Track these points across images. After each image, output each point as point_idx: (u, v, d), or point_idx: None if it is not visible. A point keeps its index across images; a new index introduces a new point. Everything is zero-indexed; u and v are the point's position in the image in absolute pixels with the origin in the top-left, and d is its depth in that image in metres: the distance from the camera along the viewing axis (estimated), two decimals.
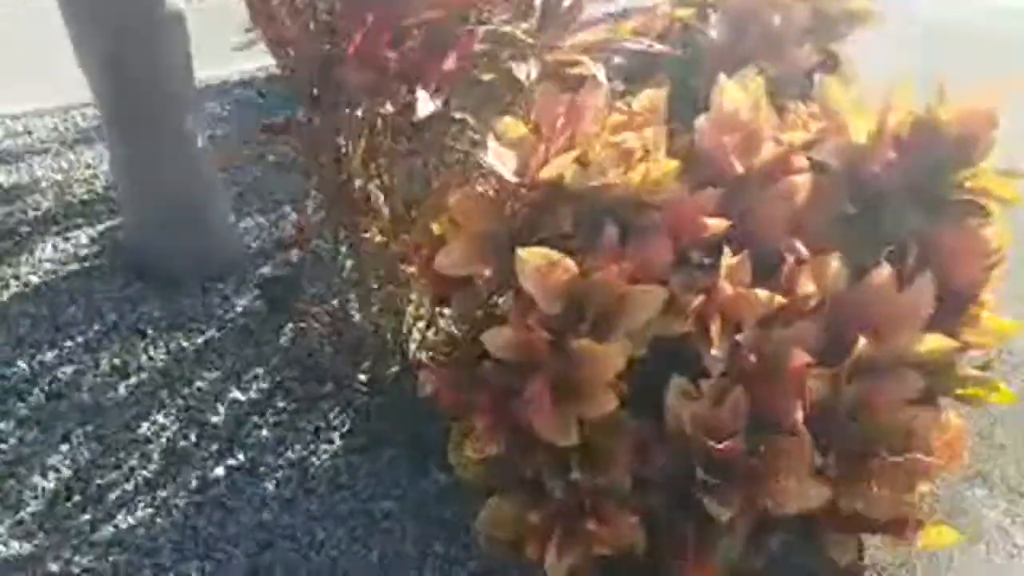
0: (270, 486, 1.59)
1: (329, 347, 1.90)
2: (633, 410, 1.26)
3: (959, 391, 1.36)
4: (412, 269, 1.59)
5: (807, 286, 1.25)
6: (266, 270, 2.13)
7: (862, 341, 1.18)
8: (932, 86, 1.43)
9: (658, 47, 1.61)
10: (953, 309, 1.36)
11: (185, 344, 1.90)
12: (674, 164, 1.36)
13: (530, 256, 1.18)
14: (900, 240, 1.40)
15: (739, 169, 1.34)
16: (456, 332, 1.48)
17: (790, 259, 1.28)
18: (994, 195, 1.41)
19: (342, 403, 1.79)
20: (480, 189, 1.33)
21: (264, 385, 1.82)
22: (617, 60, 1.78)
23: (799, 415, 1.15)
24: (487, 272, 1.31)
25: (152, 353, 1.87)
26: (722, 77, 1.39)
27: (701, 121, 1.38)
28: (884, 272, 1.25)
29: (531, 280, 1.18)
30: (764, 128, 1.39)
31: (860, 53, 2.00)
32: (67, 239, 2.26)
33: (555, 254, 1.19)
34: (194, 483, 1.58)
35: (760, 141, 1.38)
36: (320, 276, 2.04)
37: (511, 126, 1.37)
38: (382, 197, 1.61)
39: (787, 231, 1.34)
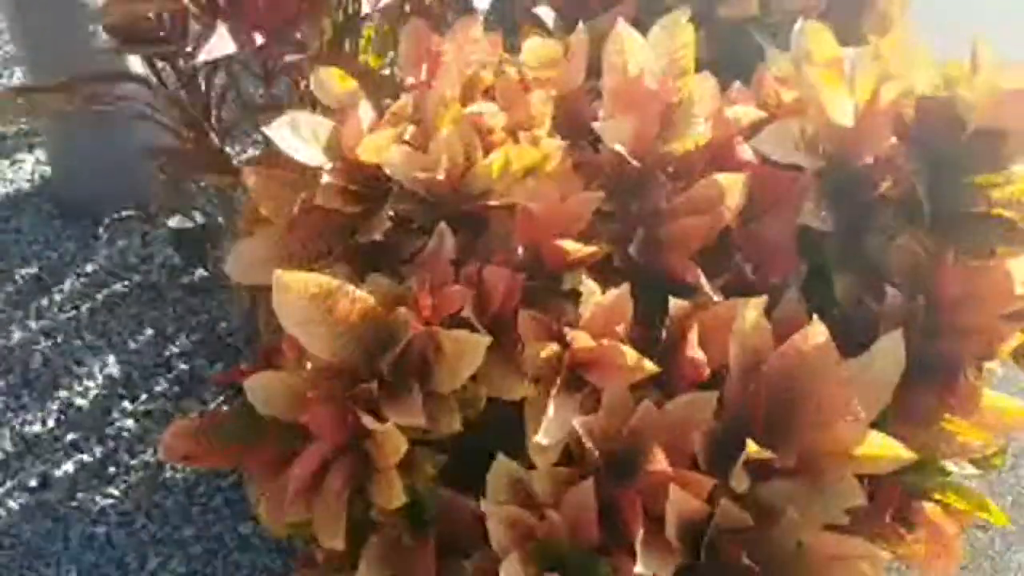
0: (115, 493, 1.39)
1: (237, 312, 1.67)
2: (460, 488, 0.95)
3: (937, 496, 0.97)
4: None
5: (695, 348, 0.87)
6: (176, 220, 1.88)
7: (750, 445, 0.80)
8: (958, 47, 0.97)
9: None
10: (941, 383, 0.95)
11: (79, 300, 1.70)
12: (553, 147, 0.98)
13: (291, 282, 0.86)
14: (885, 273, 0.99)
15: (633, 163, 0.95)
16: None
17: (677, 305, 0.89)
18: None
19: (232, 389, 1.56)
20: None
21: (148, 360, 1.60)
22: None
23: (638, 538, 0.80)
24: None
25: (41, 305, 1.68)
26: (621, 24, 0.97)
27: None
28: (817, 331, 0.85)
29: (292, 316, 0.86)
30: (688, 102, 0.98)
31: None
32: (14, 165, 2.10)
33: (326, 280, 0.86)
34: (33, 481, 1.40)
35: (678, 121, 0.97)
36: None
37: (337, 78, 1.01)
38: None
39: (693, 256, 0.95)
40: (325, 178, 0.95)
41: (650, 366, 0.86)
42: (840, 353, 0.87)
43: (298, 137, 0.96)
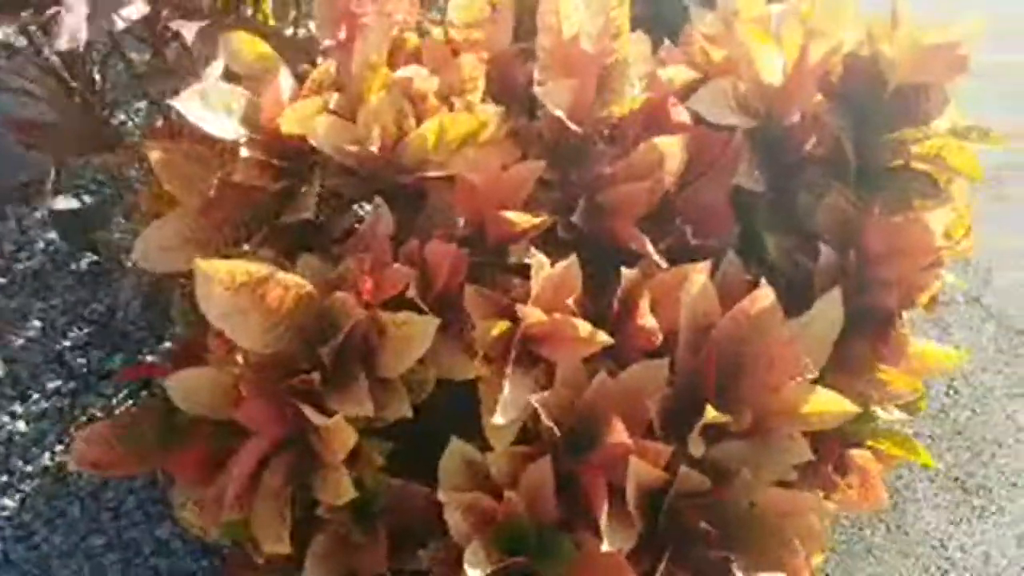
0: (9, 504, 1.27)
1: (135, 301, 1.54)
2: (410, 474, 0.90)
3: (870, 443, 1.00)
4: None
5: (646, 316, 0.86)
6: (62, 201, 1.72)
7: (709, 410, 0.80)
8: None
9: None
10: (873, 333, 0.98)
11: None
12: (490, 114, 0.93)
13: (215, 271, 0.78)
14: (815, 231, 1.00)
15: (573, 128, 0.92)
16: None
17: (628, 274, 0.88)
18: (948, 165, 0.99)
19: (136, 383, 1.44)
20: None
21: (37, 356, 1.46)
22: None
23: (603, 513, 0.79)
24: None
25: None
26: None
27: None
28: (764, 294, 0.86)
29: (218, 308, 0.79)
30: (624, 64, 0.95)
31: None
32: None
33: (255, 268, 0.79)
34: None
35: (614, 84, 0.95)
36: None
37: (248, 44, 0.92)
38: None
39: (638, 222, 0.93)
40: (244, 152, 0.87)
41: (604, 337, 0.84)
42: None
43: (208, 108, 0.87)
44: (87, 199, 1.64)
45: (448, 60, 0.97)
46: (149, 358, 1.45)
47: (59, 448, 1.34)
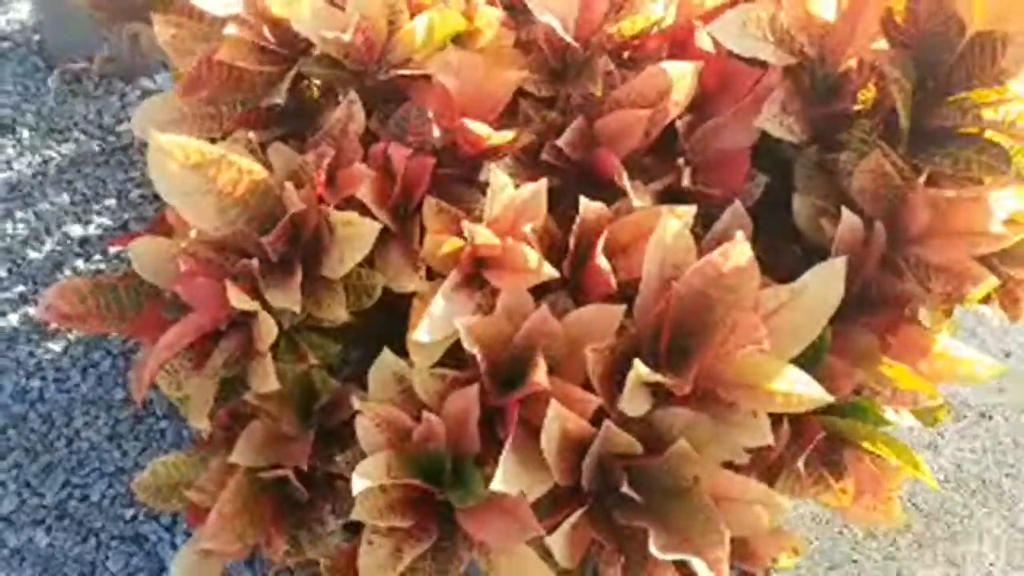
0: (55, 348, 1.38)
1: None
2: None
3: (866, 445, 0.88)
4: None
5: (600, 256, 0.78)
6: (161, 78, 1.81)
7: (637, 364, 0.72)
8: None
9: None
10: (883, 321, 0.84)
11: (49, 156, 1.66)
12: (491, 17, 0.87)
13: (171, 147, 0.78)
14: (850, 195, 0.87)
15: (568, 41, 0.83)
16: None
17: (587, 207, 0.80)
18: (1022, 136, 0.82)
19: None
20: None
21: (107, 222, 1.57)
22: None
23: (506, 450, 0.73)
24: None
25: (9, 157, 1.64)
26: None
27: None
28: (739, 250, 0.75)
29: (171, 185, 0.79)
30: None
31: None
32: (6, 12, 2.04)
33: (209, 149, 0.78)
34: None
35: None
36: None
37: None
38: None
39: (637, 156, 0.84)
40: (229, 28, 0.86)
41: (549, 270, 0.77)
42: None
43: None
44: None
45: None
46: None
47: None
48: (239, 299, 0.78)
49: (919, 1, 0.82)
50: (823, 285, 0.78)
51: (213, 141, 0.84)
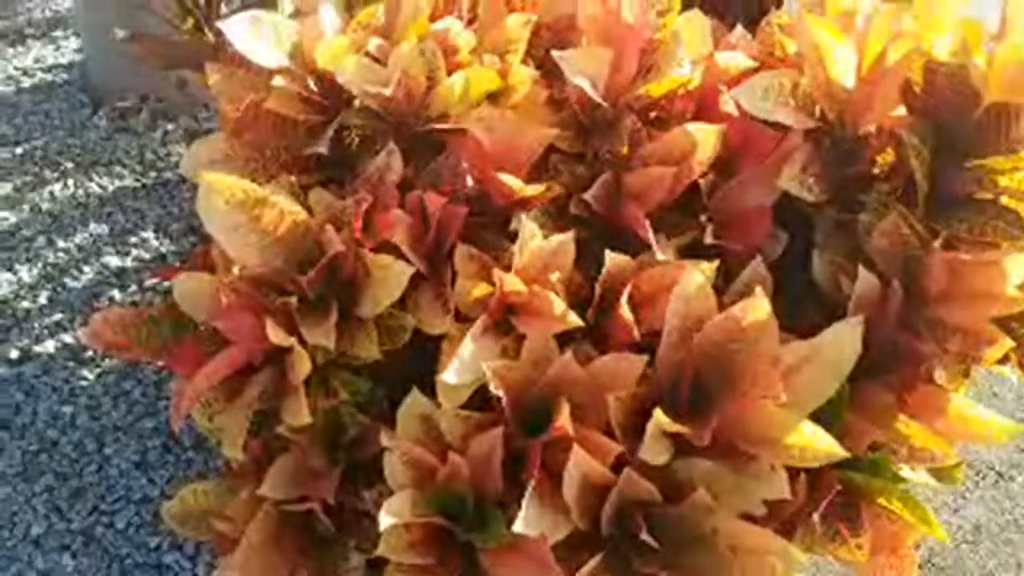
0: (88, 376, 1.42)
1: None
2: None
3: (881, 501, 0.89)
4: None
5: (624, 307, 0.81)
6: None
7: (658, 414, 0.74)
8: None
9: None
10: (900, 379, 0.86)
11: (91, 189, 1.73)
12: (525, 76, 0.91)
13: (218, 185, 0.82)
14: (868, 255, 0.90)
15: (597, 100, 0.87)
16: None
17: (613, 260, 0.83)
18: None
19: None
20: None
21: (145, 255, 1.62)
22: None
23: (528, 494, 0.75)
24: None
25: (54, 190, 1.71)
26: None
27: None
28: (758, 304, 0.78)
29: (217, 221, 0.83)
30: (673, 41, 0.89)
31: None
32: (56, 48, 2.14)
33: (252, 188, 0.83)
34: (14, 354, 1.44)
35: (660, 62, 0.89)
36: None
37: None
38: None
39: (662, 212, 0.88)
40: (277, 80, 0.91)
41: (575, 319, 0.80)
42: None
43: (257, 35, 0.92)
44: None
45: (501, 17, 0.95)
46: None
47: None
48: (277, 334, 0.81)
49: (937, 72, 0.85)
50: (841, 342, 0.80)
51: (256, 183, 0.89)
